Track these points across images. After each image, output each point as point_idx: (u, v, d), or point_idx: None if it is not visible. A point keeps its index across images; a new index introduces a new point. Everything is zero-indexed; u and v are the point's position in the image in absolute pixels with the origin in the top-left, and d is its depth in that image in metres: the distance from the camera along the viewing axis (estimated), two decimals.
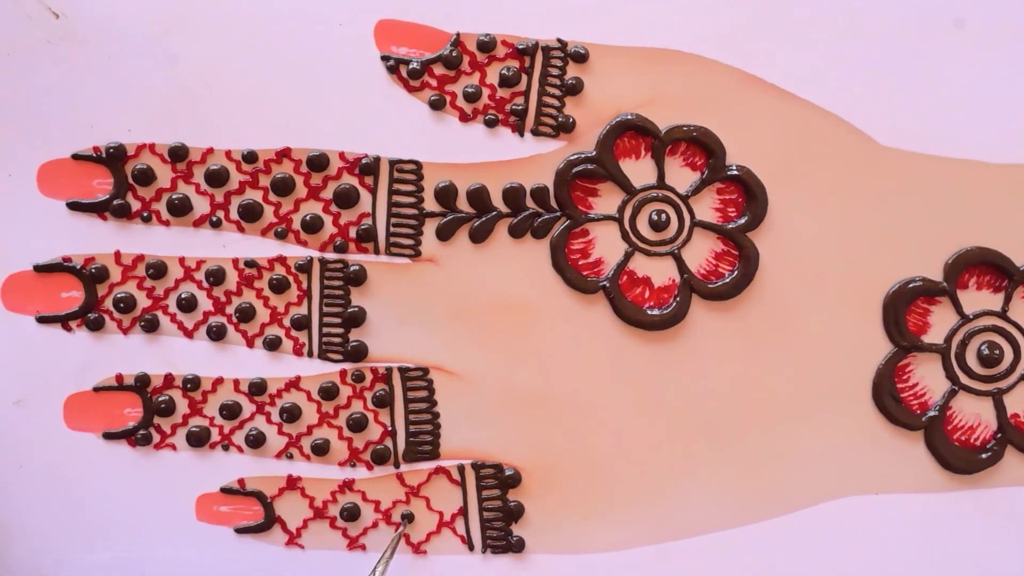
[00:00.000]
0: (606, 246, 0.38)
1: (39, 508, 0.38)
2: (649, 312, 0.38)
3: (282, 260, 0.38)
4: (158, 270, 0.38)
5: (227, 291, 0.38)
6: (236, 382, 0.38)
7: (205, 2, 0.37)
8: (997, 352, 0.38)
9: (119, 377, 0.38)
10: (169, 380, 0.38)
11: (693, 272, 0.38)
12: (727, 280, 0.38)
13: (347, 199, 0.38)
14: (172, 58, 0.37)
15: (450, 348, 0.38)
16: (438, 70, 0.38)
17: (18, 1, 0.37)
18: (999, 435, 0.38)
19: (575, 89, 0.38)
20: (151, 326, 0.38)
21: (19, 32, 0.37)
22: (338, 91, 0.37)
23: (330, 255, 0.38)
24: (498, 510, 0.38)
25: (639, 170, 0.38)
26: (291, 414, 0.38)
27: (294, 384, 0.38)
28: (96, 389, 0.38)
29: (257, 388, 0.38)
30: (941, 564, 0.38)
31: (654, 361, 0.38)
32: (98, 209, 0.38)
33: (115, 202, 0.37)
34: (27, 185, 0.37)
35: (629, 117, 0.38)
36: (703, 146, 0.38)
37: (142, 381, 0.38)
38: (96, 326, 0.38)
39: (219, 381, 0.38)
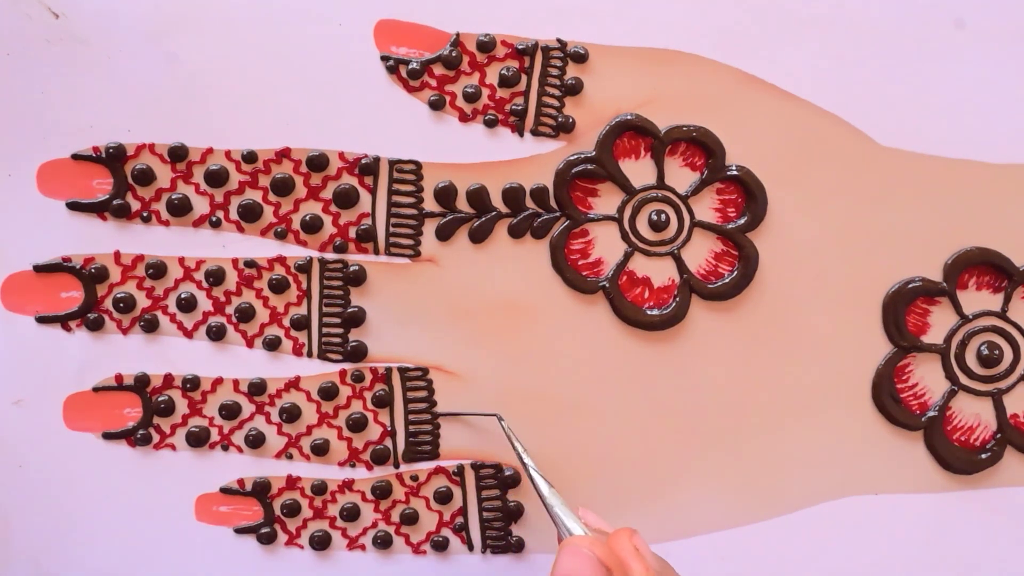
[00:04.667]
0: (606, 246, 0.38)
1: (39, 508, 0.38)
2: (649, 312, 0.38)
3: (282, 260, 0.38)
4: (158, 270, 0.38)
5: (227, 291, 0.38)
6: (236, 382, 0.38)
7: (205, 2, 0.37)
8: (997, 352, 0.38)
9: (119, 377, 0.38)
10: (169, 380, 0.38)
11: (693, 272, 0.38)
12: (727, 280, 0.38)
13: (347, 199, 0.38)
14: (172, 58, 0.37)
15: (450, 348, 0.38)
16: (438, 70, 0.38)
17: (18, 1, 0.37)
18: (999, 435, 0.38)
19: (575, 89, 0.38)
20: (151, 326, 0.38)
21: (19, 32, 0.37)
22: (338, 91, 0.37)
23: (330, 255, 0.38)
24: (498, 510, 0.38)
25: (639, 170, 0.38)
26: (291, 414, 0.38)
27: (294, 384, 0.38)
28: (96, 389, 0.38)
29: (257, 388, 0.38)
30: (941, 564, 0.38)
31: (654, 361, 0.38)
32: (98, 209, 0.38)
33: (115, 202, 0.37)
34: (27, 185, 0.37)
35: (629, 117, 0.38)
36: (703, 146, 0.38)
37: (142, 381, 0.38)
38: (96, 326, 0.38)
39: (219, 381, 0.38)
